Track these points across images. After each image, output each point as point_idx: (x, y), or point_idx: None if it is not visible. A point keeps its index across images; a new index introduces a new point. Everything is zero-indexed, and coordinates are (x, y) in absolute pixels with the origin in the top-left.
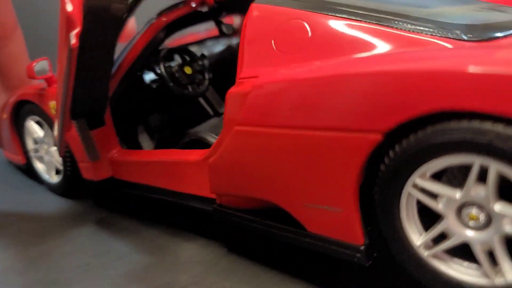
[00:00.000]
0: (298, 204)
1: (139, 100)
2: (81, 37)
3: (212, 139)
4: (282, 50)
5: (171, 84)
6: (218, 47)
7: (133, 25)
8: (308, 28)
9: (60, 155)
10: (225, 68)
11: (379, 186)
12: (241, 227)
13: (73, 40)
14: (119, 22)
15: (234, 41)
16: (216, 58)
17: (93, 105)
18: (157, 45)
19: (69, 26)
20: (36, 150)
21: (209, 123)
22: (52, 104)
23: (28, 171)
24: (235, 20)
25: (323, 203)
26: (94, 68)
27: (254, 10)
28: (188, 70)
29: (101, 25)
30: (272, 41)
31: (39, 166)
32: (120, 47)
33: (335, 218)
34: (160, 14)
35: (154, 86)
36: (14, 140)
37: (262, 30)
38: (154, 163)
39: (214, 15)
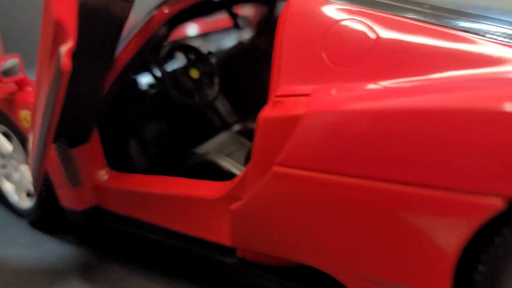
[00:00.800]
0: (358, 277)
1: (132, 109)
2: (76, 54)
3: (225, 163)
4: (336, 61)
5: (174, 91)
6: (227, 42)
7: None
8: (373, 32)
9: (35, 193)
10: (235, 68)
11: (490, 265)
12: None
13: (64, 60)
14: (121, 26)
15: (245, 34)
16: (225, 56)
17: (81, 123)
18: (158, 43)
19: (58, 37)
20: (3, 166)
21: (218, 139)
22: (24, 114)
23: None
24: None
25: (398, 280)
26: (89, 88)
27: (295, 4)
28: (194, 73)
29: (100, 32)
30: (321, 48)
31: (7, 186)
32: None
33: None
34: (162, 4)
35: (152, 92)
36: None
37: (307, 32)
38: (153, 195)
39: (227, 5)
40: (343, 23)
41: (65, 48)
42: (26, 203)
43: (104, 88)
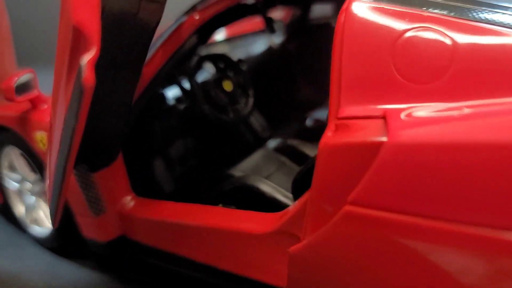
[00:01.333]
0: None
1: (159, 126)
2: (100, 66)
3: (267, 188)
4: (409, 77)
5: (206, 106)
6: (256, 47)
7: None
8: (452, 41)
9: (54, 226)
10: (265, 75)
11: None
12: None
13: (86, 72)
14: (151, 32)
15: (275, 38)
16: (254, 63)
17: (105, 144)
18: (188, 54)
19: (78, 45)
20: (18, 189)
21: (253, 158)
22: (40, 135)
23: (6, 213)
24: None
25: None
26: (115, 104)
27: (356, 11)
28: (227, 85)
29: (127, 39)
30: (390, 62)
31: (21, 210)
32: None
33: None
34: (192, 10)
35: (181, 107)
36: None
37: (372, 43)
38: (189, 227)
39: (262, 8)
40: (415, 32)
41: (87, 58)
42: (39, 229)
43: (131, 104)
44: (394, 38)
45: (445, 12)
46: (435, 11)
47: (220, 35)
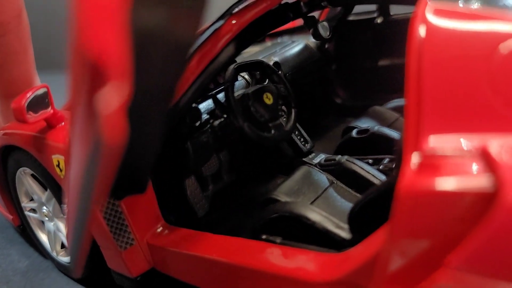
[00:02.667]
0: None
1: (192, 144)
2: (132, 109)
3: (318, 217)
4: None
5: (245, 123)
6: (291, 47)
7: None
8: None
9: (76, 275)
10: (302, 80)
11: None
12: None
13: (115, 123)
14: (186, 52)
15: (310, 37)
16: (291, 66)
17: (135, 173)
18: (225, 65)
19: (97, 84)
20: (35, 212)
21: (296, 178)
22: (57, 159)
23: (26, 235)
24: None
25: None
26: (146, 135)
27: (436, 15)
28: (268, 98)
29: (161, 65)
30: (484, 82)
31: (41, 235)
32: None
33: None
34: (227, 14)
35: (216, 123)
36: (2, 194)
37: (463, 56)
38: (230, 266)
39: (307, 10)
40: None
41: (115, 101)
42: (63, 257)
43: (163, 132)
44: (489, 49)
45: None
46: None
47: None
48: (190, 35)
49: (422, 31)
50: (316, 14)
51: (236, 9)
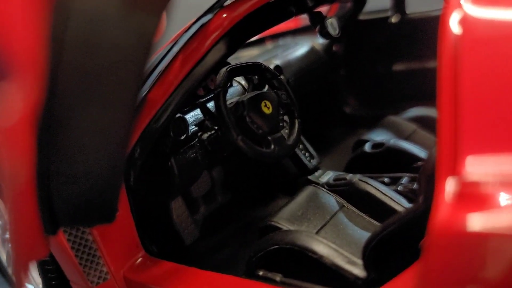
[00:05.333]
0: None
1: (177, 161)
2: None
3: (326, 250)
4: None
5: (239, 137)
6: (294, 49)
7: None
8: None
9: None
10: (307, 85)
11: None
12: None
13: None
14: (148, 44)
15: (316, 38)
16: (294, 71)
17: (95, 199)
18: (215, 67)
19: None
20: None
21: (301, 201)
22: None
23: None
24: None
25: None
26: (101, 150)
27: (479, 3)
28: (267, 107)
29: (111, 57)
30: None
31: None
32: None
33: None
34: (217, 7)
35: (205, 137)
36: None
37: (509, 55)
38: None
39: (311, 5)
40: None
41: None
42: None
43: (128, 143)
44: None
45: None
46: None
47: None
48: (149, 28)
49: (457, 25)
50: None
51: (228, 2)
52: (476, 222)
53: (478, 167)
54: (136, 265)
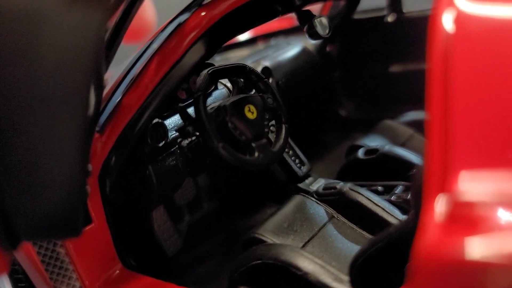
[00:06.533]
0: None
1: (156, 170)
2: None
3: (312, 266)
4: None
5: (220, 144)
6: (286, 50)
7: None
8: None
9: None
10: (298, 88)
11: None
12: None
13: None
14: (92, 41)
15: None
16: (285, 73)
17: (58, 218)
18: (194, 69)
19: None
20: None
21: (288, 211)
22: None
23: None
24: None
25: None
26: (50, 160)
27: (470, 7)
28: (250, 112)
29: (50, 58)
30: None
31: None
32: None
33: None
34: (195, 6)
35: (185, 144)
36: None
37: (507, 56)
38: None
39: (300, 3)
40: None
41: None
42: None
43: (87, 153)
44: None
45: None
46: None
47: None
48: (92, 24)
49: (449, 22)
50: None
51: (206, 0)
52: (468, 248)
53: (473, 184)
54: (112, 279)
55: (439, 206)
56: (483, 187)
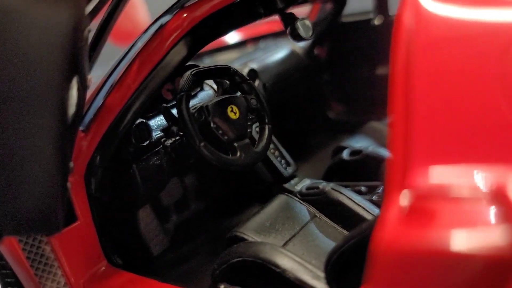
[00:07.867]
0: None
1: (140, 169)
2: None
3: (291, 264)
4: None
5: (202, 144)
6: (274, 53)
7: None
8: None
9: None
10: (286, 91)
11: None
12: None
13: None
14: (66, 40)
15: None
16: (272, 75)
17: (36, 214)
18: (177, 70)
19: None
20: None
21: (271, 210)
22: None
23: None
24: None
25: None
26: (25, 157)
27: (432, 5)
28: (233, 112)
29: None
30: (500, 90)
31: None
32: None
33: None
34: (177, 8)
35: (169, 143)
36: None
37: (468, 59)
38: None
39: (283, 5)
40: None
41: None
42: None
43: (64, 150)
44: (504, 46)
45: None
46: None
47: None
48: (65, 22)
49: (411, 21)
50: (305, 14)
51: (189, 2)
52: (425, 240)
53: (431, 178)
54: (97, 276)
55: (399, 200)
56: (443, 180)
